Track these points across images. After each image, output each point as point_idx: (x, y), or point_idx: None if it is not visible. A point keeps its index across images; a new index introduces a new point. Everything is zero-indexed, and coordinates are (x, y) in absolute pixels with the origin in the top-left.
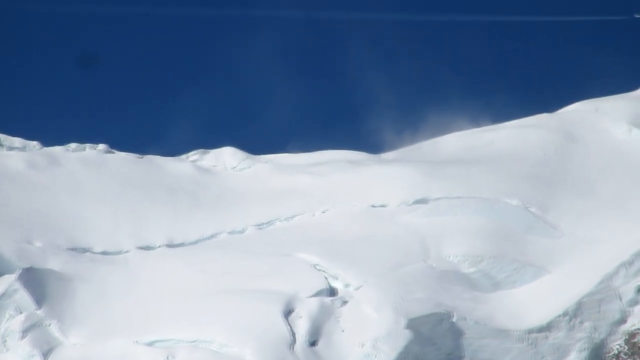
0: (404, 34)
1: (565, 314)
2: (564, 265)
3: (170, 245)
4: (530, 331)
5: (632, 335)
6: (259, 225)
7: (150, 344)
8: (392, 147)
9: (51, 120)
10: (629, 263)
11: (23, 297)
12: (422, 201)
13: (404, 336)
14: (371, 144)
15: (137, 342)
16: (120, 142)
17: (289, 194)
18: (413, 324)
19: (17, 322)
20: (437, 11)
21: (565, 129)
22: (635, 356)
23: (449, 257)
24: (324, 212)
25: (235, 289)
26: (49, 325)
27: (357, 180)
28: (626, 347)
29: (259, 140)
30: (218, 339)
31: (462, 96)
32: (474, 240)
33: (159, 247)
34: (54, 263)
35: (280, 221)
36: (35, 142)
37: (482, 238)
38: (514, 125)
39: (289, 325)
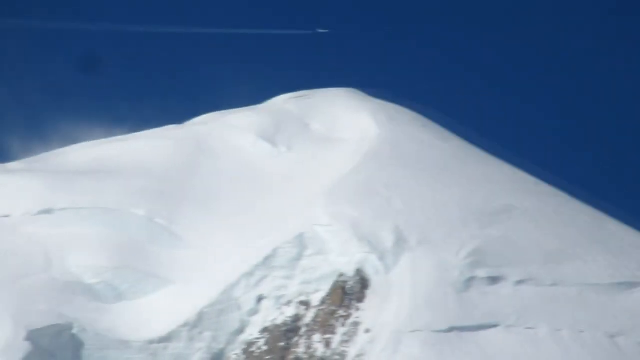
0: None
1: (185, 324)
2: (187, 276)
3: None
4: (151, 342)
5: (249, 344)
6: None
7: None
8: (17, 157)
9: None
10: (250, 274)
11: None
12: (47, 211)
13: (22, 349)
14: None
15: None
16: None
17: None
18: (32, 336)
19: None
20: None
21: (193, 140)
22: None
23: (73, 267)
24: None
25: None
26: None
27: None
28: (244, 356)
29: None
30: None
31: (96, 104)
32: (99, 250)
33: None
34: None
35: None
36: None
37: (106, 249)
38: (143, 137)
39: None
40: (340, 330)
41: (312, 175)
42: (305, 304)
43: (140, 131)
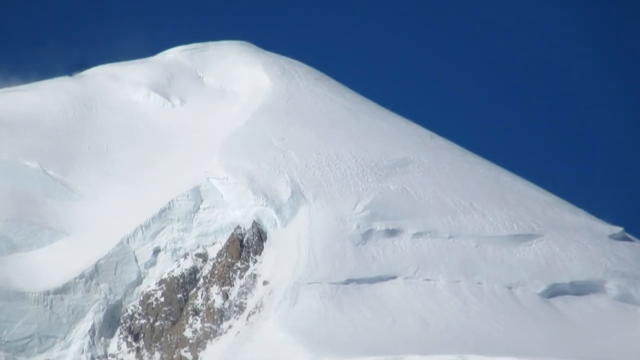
0: None
1: (81, 276)
2: (82, 228)
3: None
4: (47, 293)
5: (147, 296)
6: None
7: None
8: None
9: None
10: (146, 226)
11: None
12: None
13: None
14: None
15: None
16: None
17: None
18: None
19: None
20: None
21: (84, 92)
22: (149, 316)
23: None
24: None
25: None
26: None
27: None
28: (140, 308)
29: None
30: None
31: None
32: None
33: None
34: None
35: None
36: None
37: None
38: (33, 88)
39: None
40: (238, 282)
41: (206, 128)
42: (202, 256)
43: (30, 83)
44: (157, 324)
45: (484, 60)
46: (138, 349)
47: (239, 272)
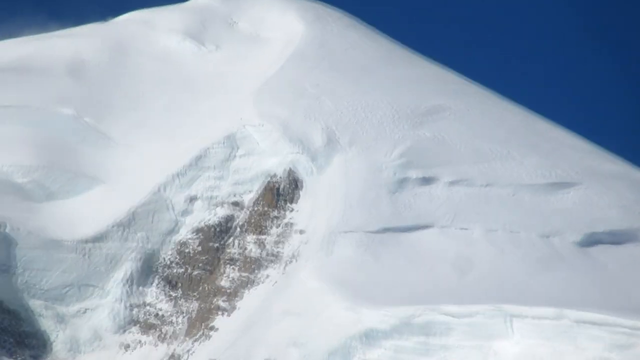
0: None
1: (118, 224)
2: (118, 176)
3: None
4: (85, 241)
5: (183, 245)
6: None
7: None
8: None
9: None
10: (181, 174)
11: None
12: None
13: None
14: None
15: None
16: None
17: None
18: None
19: None
20: None
21: (118, 39)
22: (186, 265)
23: (2, 166)
24: None
25: None
26: None
27: None
28: (178, 257)
29: None
30: None
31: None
32: (27, 150)
33: None
34: None
35: None
36: None
37: (35, 148)
38: (67, 35)
39: None
40: (274, 231)
41: (240, 74)
42: (238, 204)
43: (64, 29)
44: (194, 273)
45: (515, 4)
46: (175, 298)
47: (274, 220)
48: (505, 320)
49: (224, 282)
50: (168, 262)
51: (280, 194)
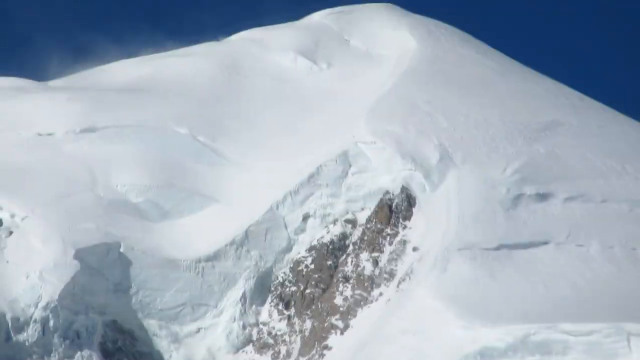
0: None
1: (232, 242)
2: (232, 194)
3: None
4: (198, 260)
5: (297, 263)
6: None
7: None
8: (58, 74)
9: None
10: (295, 192)
11: None
12: (90, 130)
13: (71, 267)
14: (36, 71)
15: None
16: None
17: None
18: (81, 255)
19: None
20: None
21: (232, 58)
22: (300, 283)
23: (117, 186)
24: None
25: None
26: None
27: (22, 108)
28: (291, 275)
29: None
30: None
31: (131, 23)
32: (143, 169)
33: None
34: None
35: None
36: None
37: (150, 167)
38: (182, 54)
39: None
40: (388, 248)
41: (353, 92)
42: (352, 222)
43: (178, 49)
44: (308, 291)
45: (632, 17)
46: (289, 317)
47: (388, 238)
48: (624, 339)
49: (337, 300)
50: (282, 281)
51: (393, 211)
